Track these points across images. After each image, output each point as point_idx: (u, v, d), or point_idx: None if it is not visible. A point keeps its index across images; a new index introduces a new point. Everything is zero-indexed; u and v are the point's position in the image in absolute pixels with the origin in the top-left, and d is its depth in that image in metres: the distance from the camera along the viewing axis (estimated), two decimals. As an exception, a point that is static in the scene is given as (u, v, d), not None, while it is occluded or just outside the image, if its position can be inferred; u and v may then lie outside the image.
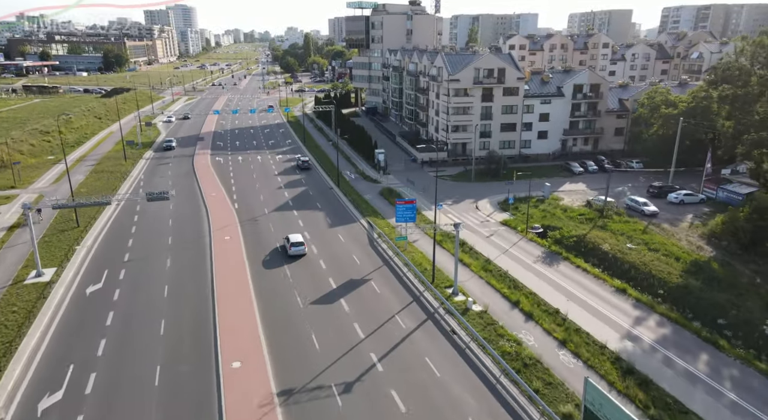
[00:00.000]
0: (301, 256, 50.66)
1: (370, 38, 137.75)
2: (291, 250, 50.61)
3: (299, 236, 52.38)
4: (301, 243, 51.10)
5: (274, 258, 50.15)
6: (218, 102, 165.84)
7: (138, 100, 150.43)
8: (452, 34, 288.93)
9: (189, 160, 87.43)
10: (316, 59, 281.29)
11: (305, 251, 51.08)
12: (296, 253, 50.69)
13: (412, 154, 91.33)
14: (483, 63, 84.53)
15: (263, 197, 68.62)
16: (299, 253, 50.77)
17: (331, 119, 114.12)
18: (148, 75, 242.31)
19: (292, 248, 50.64)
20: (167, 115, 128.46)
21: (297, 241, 51.11)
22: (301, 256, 50.66)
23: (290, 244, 50.84)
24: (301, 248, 50.79)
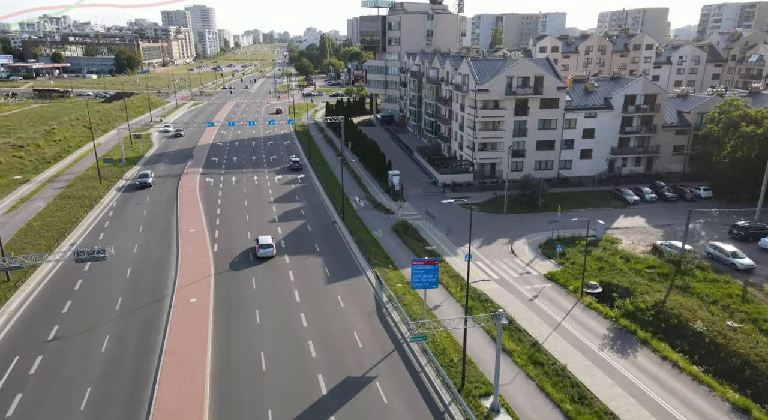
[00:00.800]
0: (270, 258, 50.27)
1: (387, 40, 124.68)
2: (259, 252, 50.28)
3: (269, 238, 51.92)
4: (269, 245, 50.74)
5: (247, 332, 37.36)
6: (224, 108, 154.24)
7: (139, 106, 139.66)
8: (474, 34, 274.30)
9: (175, 182, 75.26)
10: (332, 61, 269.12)
11: (274, 253, 50.73)
12: (264, 255, 50.38)
13: (432, 174, 78.02)
14: (517, 70, 70.88)
15: (251, 234, 55.97)
16: (267, 254, 50.45)
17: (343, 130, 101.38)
18: (159, 77, 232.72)
19: (261, 250, 50.26)
20: (164, 125, 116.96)
21: (265, 243, 50.85)
22: (270, 258, 50.27)
23: (258, 246, 50.63)
24: (269, 250, 50.46)
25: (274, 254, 50.64)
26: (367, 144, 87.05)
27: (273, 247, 50.82)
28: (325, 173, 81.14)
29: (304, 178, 79.06)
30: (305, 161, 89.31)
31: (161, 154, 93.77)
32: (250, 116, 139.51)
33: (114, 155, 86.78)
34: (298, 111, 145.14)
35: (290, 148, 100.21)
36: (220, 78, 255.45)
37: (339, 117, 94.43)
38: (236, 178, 78.00)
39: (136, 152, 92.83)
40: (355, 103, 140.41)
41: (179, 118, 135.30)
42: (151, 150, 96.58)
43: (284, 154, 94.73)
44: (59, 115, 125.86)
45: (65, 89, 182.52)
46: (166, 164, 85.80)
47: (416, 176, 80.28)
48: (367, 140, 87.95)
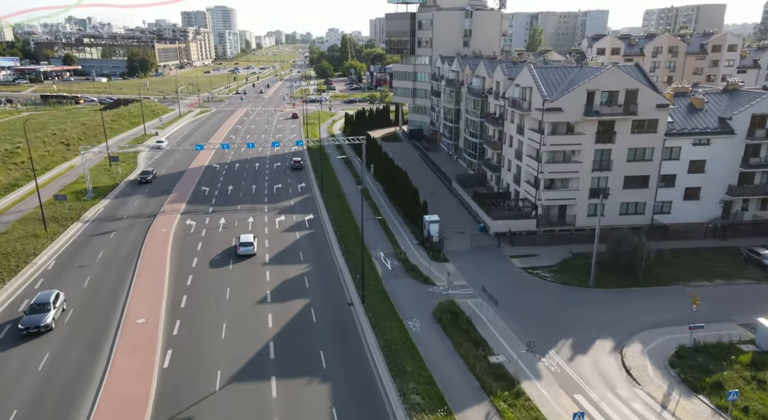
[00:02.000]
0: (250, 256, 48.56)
1: (416, 41, 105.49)
2: (240, 250, 49.34)
3: (250, 236, 50.86)
4: (249, 243, 49.51)
5: None
6: (231, 118, 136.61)
7: (137, 115, 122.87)
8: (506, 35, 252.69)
9: (146, 225, 57.33)
10: (353, 63, 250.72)
11: (255, 251, 49.56)
12: (245, 253, 49.35)
13: (480, 217, 58.73)
14: (601, 82, 51.25)
15: (228, 329, 37.52)
16: (248, 253, 49.37)
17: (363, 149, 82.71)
18: (172, 80, 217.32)
19: (241, 248, 49.36)
20: (157, 141, 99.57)
21: (246, 241, 49.72)
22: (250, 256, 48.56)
23: (239, 244, 49.72)
24: (249, 248, 49.34)
25: (254, 253, 49.81)
26: (394, 172, 68.00)
27: (254, 245, 49.80)
28: (341, 212, 62.38)
29: (314, 220, 60.38)
30: (316, 192, 70.64)
31: (139, 186, 76.05)
32: (260, 128, 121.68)
33: (79, 185, 69.43)
34: (312, 121, 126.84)
35: (299, 174, 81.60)
36: (233, 82, 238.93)
37: (360, 137, 75.63)
38: (225, 220, 59.59)
39: (113, 179, 75.28)
40: (378, 114, 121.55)
41: (179, 130, 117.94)
42: (133, 174, 79.01)
43: (292, 182, 76.25)
44: (46, 125, 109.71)
45: (74, 95, 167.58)
46: (143, 196, 67.96)
47: (456, 215, 61.26)
48: (395, 168, 68.81)
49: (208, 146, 73.65)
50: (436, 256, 50.25)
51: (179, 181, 75.32)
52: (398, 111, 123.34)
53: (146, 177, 73.64)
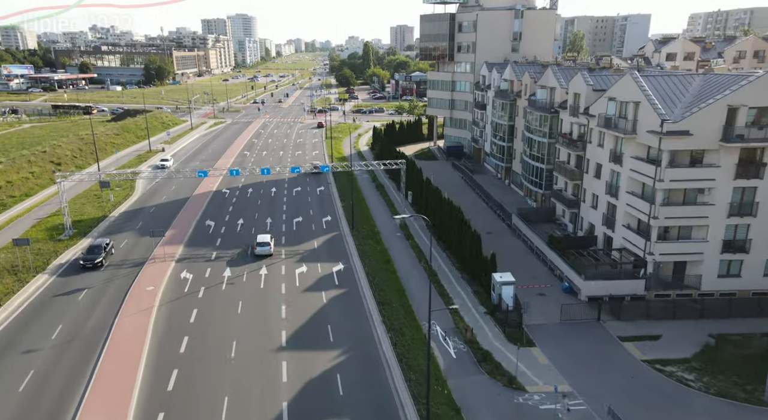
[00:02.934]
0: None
1: (455, 46, 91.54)
2: (256, 250, 48.74)
3: (267, 236, 50.24)
4: (266, 243, 48.85)
5: None
6: (247, 131, 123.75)
7: (144, 128, 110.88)
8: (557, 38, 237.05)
9: (128, 279, 43.97)
10: (376, 71, 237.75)
11: (271, 251, 48.83)
12: (261, 253, 48.59)
13: (559, 270, 44.16)
14: (747, 95, 36.70)
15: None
16: (264, 253, 48.55)
17: (402, 175, 68.85)
18: (189, 89, 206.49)
19: (258, 248, 48.66)
20: (161, 159, 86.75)
21: (263, 241, 49.01)
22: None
23: (256, 244, 49.14)
24: (266, 248, 48.55)
25: (271, 253, 48.92)
26: (442, 205, 53.70)
27: (270, 245, 49.22)
28: (378, 259, 48.21)
29: (344, 272, 46.33)
30: (345, 230, 56.64)
31: (138, 211, 62.94)
32: (278, 143, 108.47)
33: (59, 218, 56.40)
34: (335, 134, 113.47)
35: (324, 202, 67.90)
36: (251, 90, 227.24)
37: (398, 161, 61.49)
38: (232, 272, 45.88)
39: (102, 209, 62.23)
40: (408, 127, 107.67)
41: (188, 145, 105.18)
42: (127, 202, 65.96)
43: (316, 213, 62.49)
44: (44, 139, 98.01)
45: (85, 104, 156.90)
46: (134, 234, 54.69)
47: (524, 263, 47.12)
48: (442, 200, 54.39)
49: (213, 172, 60.05)
50: (515, 335, 35.90)
51: (180, 212, 61.92)
52: (432, 124, 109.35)
53: (93, 259, 45.40)
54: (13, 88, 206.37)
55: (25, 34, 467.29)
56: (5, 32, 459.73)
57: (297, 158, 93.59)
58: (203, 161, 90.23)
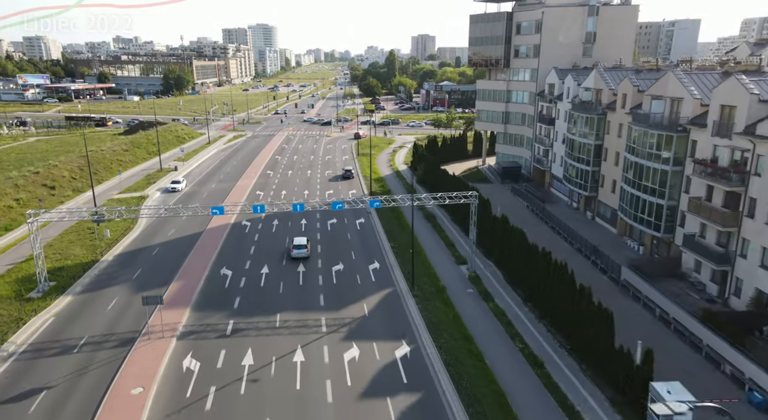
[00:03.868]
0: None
1: (512, 50, 78.09)
2: (293, 252, 46.83)
3: (303, 239, 48.25)
4: (303, 245, 47.00)
5: None
6: (269, 147, 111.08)
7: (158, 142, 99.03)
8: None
9: (108, 371, 30.76)
10: (402, 80, 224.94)
11: (308, 254, 47.07)
12: (298, 255, 46.68)
13: (749, 375, 29.64)
14: None
15: None
16: (301, 255, 46.67)
17: (472, 213, 55.03)
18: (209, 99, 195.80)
19: (294, 251, 46.79)
20: (171, 181, 74.13)
21: (300, 244, 47.16)
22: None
23: (292, 246, 47.23)
24: (303, 251, 46.70)
25: (308, 256, 46.96)
26: (525, 252, 39.89)
27: (307, 247, 47.10)
28: (457, 340, 34.28)
29: (412, 358, 32.44)
30: (401, 286, 43.00)
31: (137, 253, 50.03)
32: (304, 160, 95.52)
33: (26, 269, 43.67)
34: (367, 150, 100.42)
35: (367, 241, 54.29)
36: (273, 100, 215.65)
37: (467, 194, 47.45)
38: (254, 357, 32.33)
39: (92, 251, 49.44)
40: (453, 143, 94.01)
41: (203, 163, 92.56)
42: (126, 239, 53.12)
43: (359, 257, 48.85)
44: (46, 155, 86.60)
45: (100, 115, 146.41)
46: (127, 289, 41.67)
47: (652, 340, 32.30)
48: (528, 247, 40.48)
49: (231, 209, 46.66)
50: None
51: (189, 256, 48.85)
52: (478, 140, 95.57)
53: None
54: (29, 98, 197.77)
55: (48, 45, 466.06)
56: (29, 43, 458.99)
57: (328, 180, 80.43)
58: (220, 182, 77.52)
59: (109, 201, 66.00)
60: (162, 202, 66.52)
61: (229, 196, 69.59)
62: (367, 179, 78.98)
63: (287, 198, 69.25)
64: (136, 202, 65.10)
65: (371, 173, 78.66)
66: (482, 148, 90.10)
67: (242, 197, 69.43)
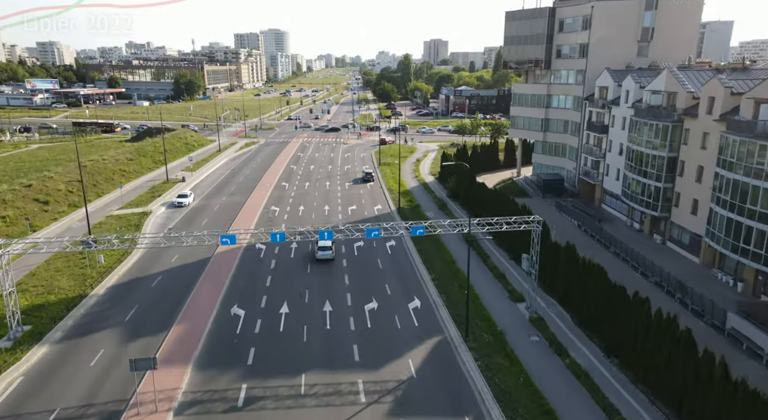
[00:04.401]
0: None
1: (554, 50, 70.14)
2: (318, 254, 44.89)
3: (328, 242, 44.12)
4: (328, 247, 44.66)
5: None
6: (283, 155, 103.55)
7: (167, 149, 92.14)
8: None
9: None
10: (418, 85, 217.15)
11: (333, 256, 45.18)
12: (323, 257, 44.91)
13: None
14: None
15: None
16: (326, 257, 44.90)
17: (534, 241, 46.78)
18: (220, 104, 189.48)
19: (319, 252, 44.84)
20: (178, 195, 66.55)
21: (325, 245, 44.59)
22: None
23: (317, 247, 44.96)
24: (327, 253, 44.74)
25: (333, 257, 45.13)
26: (605, 294, 31.75)
27: (332, 249, 45.05)
28: (534, 414, 26.29)
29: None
30: (451, 332, 34.67)
31: (134, 284, 42.28)
32: (322, 170, 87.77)
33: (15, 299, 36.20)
34: (388, 160, 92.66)
35: (402, 270, 46.03)
36: (286, 105, 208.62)
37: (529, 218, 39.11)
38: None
39: (82, 282, 41.85)
40: (483, 152, 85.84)
41: (213, 174, 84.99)
42: (122, 267, 45.41)
43: (396, 292, 40.54)
44: (47, 164, 79.66)
45: (108, 121, 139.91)
46: (117, 334, 33.80)
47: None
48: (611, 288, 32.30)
49: (242, 237, 38.75)
50: None
51: (195, 288, 41.14)
52: (510, 149, 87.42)
53: None
54: (37, 103, 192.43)
55: (62, 50, 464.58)
56: (42, 48, 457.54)
57: (350, 192, 72.63)
58: (232, 195, 69.95)
59: (107, 218, 58.58)
60: (167, 219, 58.97)
61: (242, 213, 61.95)
62: (393, 193, 71.08)
63: (306, 214, 61.47)
64: (138, 220, 57.60)
65: (392, 184, 70.72)
66: (517, 158, 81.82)
67: (256, 213, 61.76)
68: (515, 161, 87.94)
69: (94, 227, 54.10)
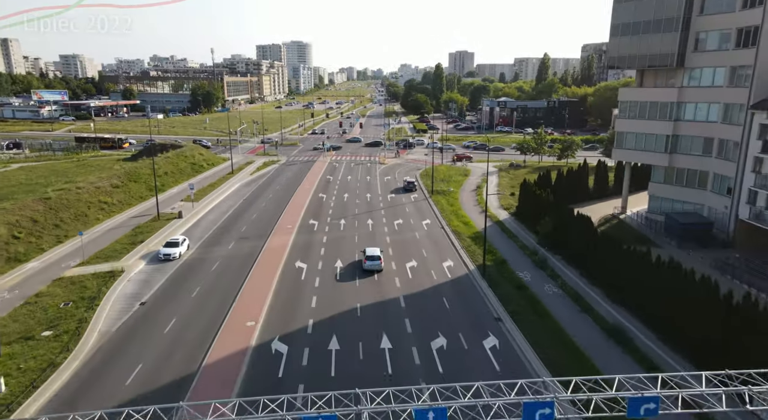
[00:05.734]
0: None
1: (691, 39, 49.66)
2: (366, 264, 40.98)
3: (377, 249, 42.56)
4: (377, 256, 41.20)
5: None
6: (309, 177, 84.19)
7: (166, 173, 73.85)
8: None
9: None
10: (453, 96, 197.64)
11: (382, 267, 40.99)
12: (371, 268, 40.89)
13: None
14: None
15: None
16: (374, 268, 40.90)
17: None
18: (238, 116, 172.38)
19: (367, 262, 40.94)
20: (167, 242, 46.93)
21: (373, 254, 41.41)
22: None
23: (365, 257, 41.32)
24: (376, 263, 40.91)
25: (381, 268, 40.92)
26: None
27: (381, 259, 41.21)
28: None
29: None
30: None
31: None
32: (360, 203, 67.81)
33: None
34: (441, 187, 72.76)
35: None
36: (310, 119, 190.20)
37: None
38: None
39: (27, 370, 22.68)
40: (569, 177, 65.18)
41: (218, 206, 65.18)
42: (52, 383, 26.38)
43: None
44: (15, 192, 61.47)
45: (114, 135, 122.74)
46: None
47: None
48: None
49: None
50: None
51: None
52: (601, 175, 66.78)
53: None
54: (44, 116, 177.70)
55: (85, 64, 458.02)
56: (65, 61, 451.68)
57: (401, 237, 52.60)
58: (240, 241, 50.40)
59: (56, 282, 39.45)
60: (142, 286, 39.52)
61: (253, 273, 42.33)
62: (461, 236, 50.97)
63: (345, 276, 41.57)
64: (99, 287, 38.29)
65: (450, 221, 50.45)
66: (623, 188, 60.90)
67: (274, 275, 42.06)
68: (608, 189, 67.57)
69: (27, 301, 35.07)
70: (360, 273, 41.91)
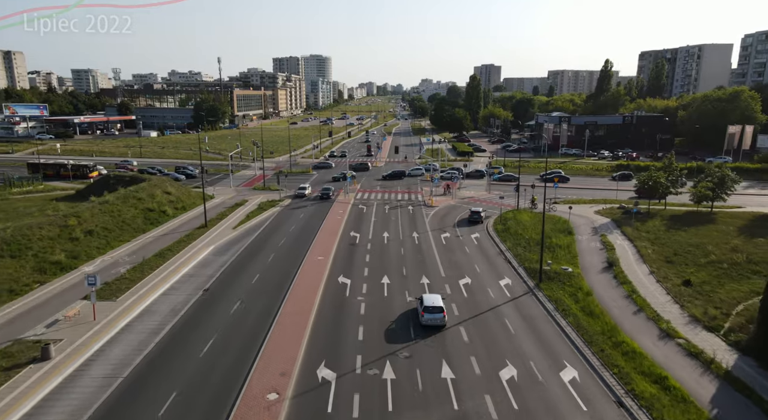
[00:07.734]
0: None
1: None
2: (423, 317, 30.60)
3: (438, 298, 31.62)
4: (440, 309, 30.59)
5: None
6: (319, 242, 53.27)
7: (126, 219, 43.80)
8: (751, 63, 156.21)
9: None
10: (495, 111, 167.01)
11: (445, 322, 30.60)
12: (430, 322, 30.54)
13: None
14: None
15: None
16: (435, 323, 30.55)
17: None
18: (249, 134, 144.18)
19: (425, 315, 30.56)
20: None
21: (433, 305, 30.78)
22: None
23: (422, 308, 30.86)
24: (439, 316, 30.51)
25: (445, 323, 30.69)
26: None
27: (444, 311, 30.69)
28: None
29: None
30: None
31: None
32: (411, 284, 36.94)
33: None
34: (531, 254, 41.35)
35: None
36: (328, 137, 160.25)
37: None
38: None
39: None
40: None
41: (151, 311, 35.33)
42: None
43: None
44: None
45: (83, 162, 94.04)
46: None
47: None
48: None
49: None
50: None
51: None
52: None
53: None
54: (20, 133, 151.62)
55: (97, 78, 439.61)
56: (77, 75, 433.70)
57: None
58: None
59: None
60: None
61: None
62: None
63: None
64: None
65: None
66: None
67: None
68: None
69: None
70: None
